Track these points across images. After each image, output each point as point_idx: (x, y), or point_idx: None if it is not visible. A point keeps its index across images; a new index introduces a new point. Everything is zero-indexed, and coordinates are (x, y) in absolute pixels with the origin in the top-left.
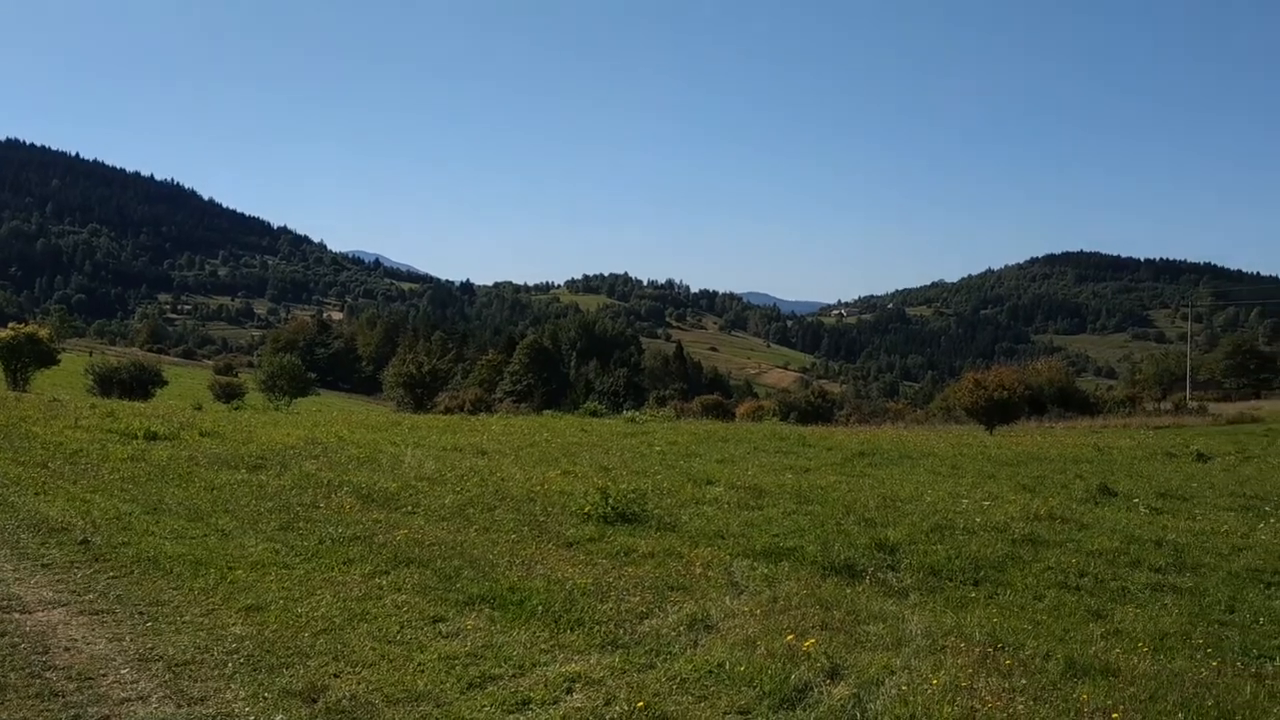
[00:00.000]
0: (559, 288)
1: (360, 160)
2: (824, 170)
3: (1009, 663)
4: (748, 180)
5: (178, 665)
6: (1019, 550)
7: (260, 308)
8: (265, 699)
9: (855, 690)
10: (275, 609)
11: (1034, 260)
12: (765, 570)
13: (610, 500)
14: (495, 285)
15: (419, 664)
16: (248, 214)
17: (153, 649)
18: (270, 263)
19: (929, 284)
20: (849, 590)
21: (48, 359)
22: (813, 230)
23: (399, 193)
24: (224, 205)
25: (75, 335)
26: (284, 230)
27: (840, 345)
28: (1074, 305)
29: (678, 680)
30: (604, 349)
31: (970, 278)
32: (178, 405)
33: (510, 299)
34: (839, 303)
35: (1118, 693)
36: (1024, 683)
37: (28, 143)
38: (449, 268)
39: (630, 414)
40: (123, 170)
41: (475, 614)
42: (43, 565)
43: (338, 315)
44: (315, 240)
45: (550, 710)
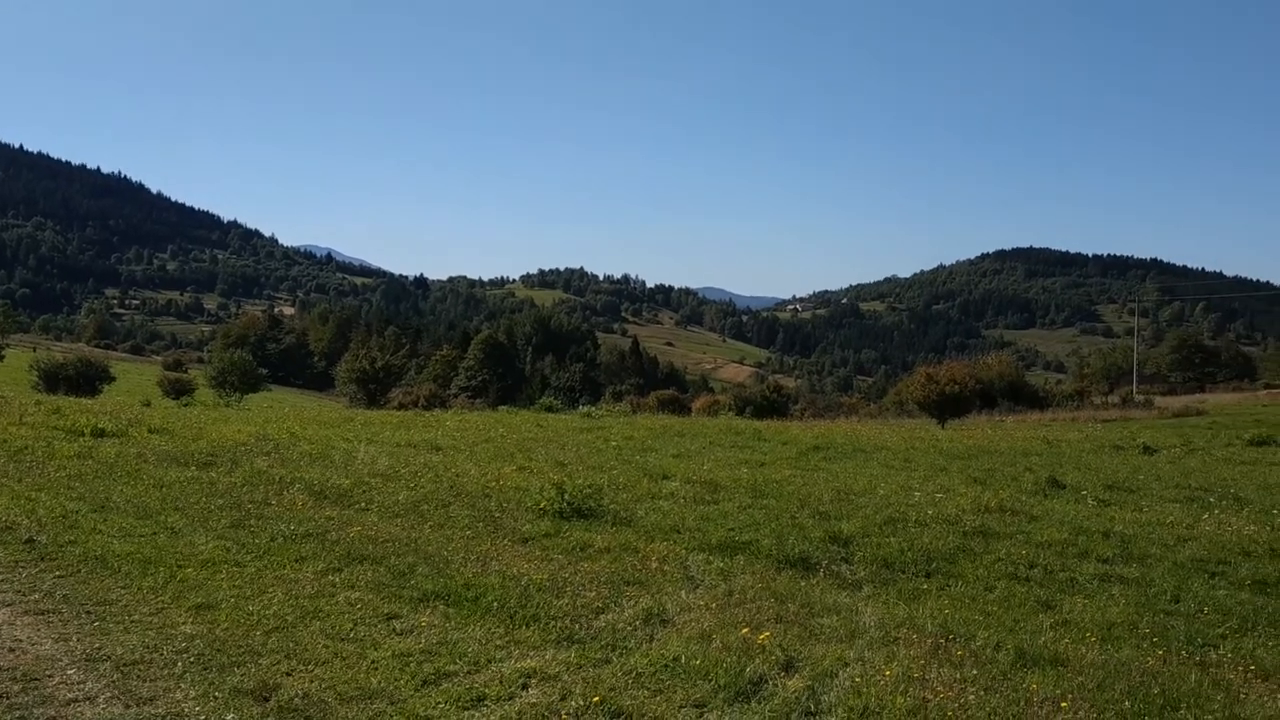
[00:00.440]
0: (514, 282)
1: (311, 153)
2: (779, 167)
3: (960, 653)
4: (703, 176)
5: (126, 665)
6: (970, 542)
7: (210, 303)
8: (216, 698)
9: (810, 682)
10: (226, 607)
11: (985, 256)
12: (721, 564)
13: (566, 496)
14: (450, 280)
15: (373, 661)
16: (197, 208)
17: (100, 649)
18: (220, 257)
19: (882, 279)
20: (803, 583)
21: None
22: (768, 226)
23: (351, 186)
24: (173, 199)
25: (19, 331)
26: (234, 224)
27: (795, 340)
28: (1024, 300)
29: (633, 674)
30: (560, 344)
31: (922, 273)
32: (126, 402)
33: (465, 294)
34: (794, 298)
35: (1066, 682)
36: (975, 673)
37: None
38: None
39: (586, 409)
40: (68, 163)
41: (430, 611)
42: None
43: (289, 310)
44: (266, 234)
45: (506, 706)
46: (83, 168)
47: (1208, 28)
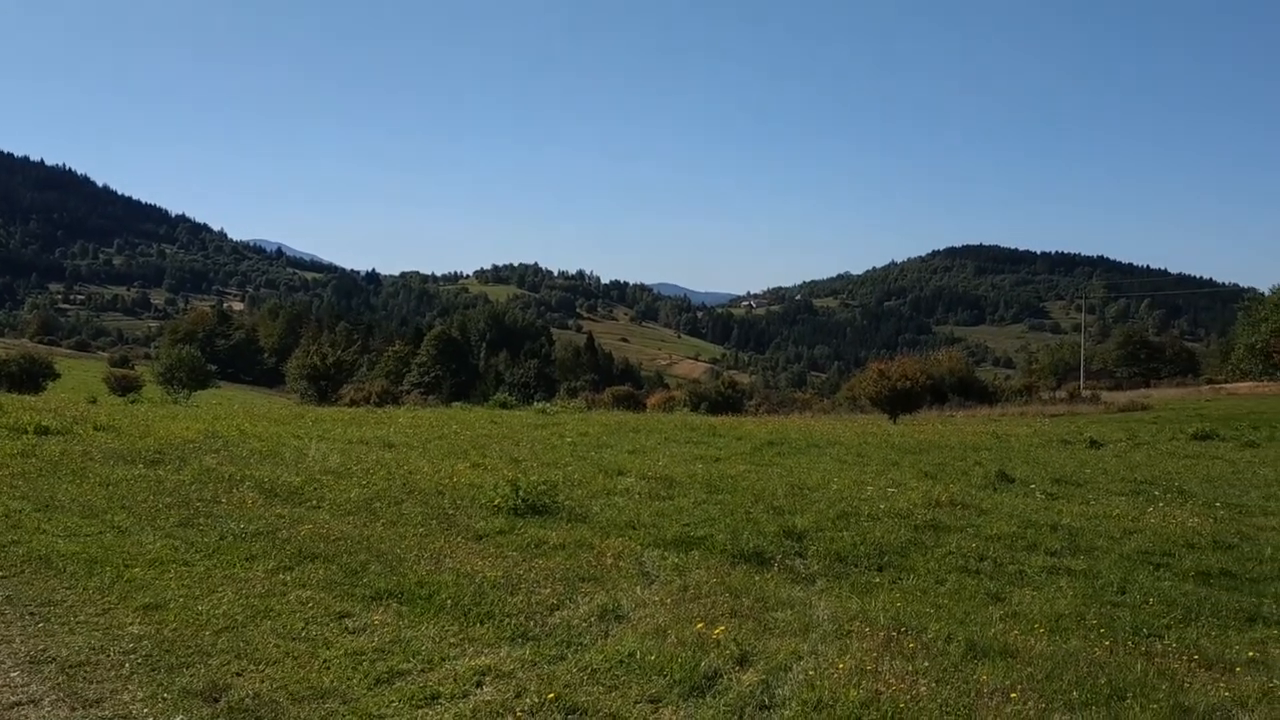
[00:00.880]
0: (468, 278)
1: (261, 146)
2: (733, 164)
3: (912, 645)
4: (658, 173)
5: (71, 667)
6: (921, 536)
7: (157, 298)
8: (164, 699)
9: (764, 676)
10: (174, 607)
11: (935, 253)
12: (676, 559)
13: (520, 492)
14: (402, 275)
15: (325, 661)
16: (144, 201)
17: (44, 650)
18: (168, 251)
19: (835, 276)
20: (758, 578)
21: None
22: (723, 222)
23: (302, 180)
24: (119, 192)
25: None
26: (182, 218)
27: (750, 336)
28: (974, 297)
29: (589, 671)
30: (514, 340)
31: (875, 270)
32: (71, 399)
33: (417, 289)
34: (749, 294)
35: (1016, 673)
36: (926, 665)
37: None
38: (354, 257)
39: (541, 405)
40: (10, 155)
41: (382, 609)
42: None
43: (239, 306)
44: (215, 229)
45: (460, 704)
46: (25, 160)
47: (1154, 26)
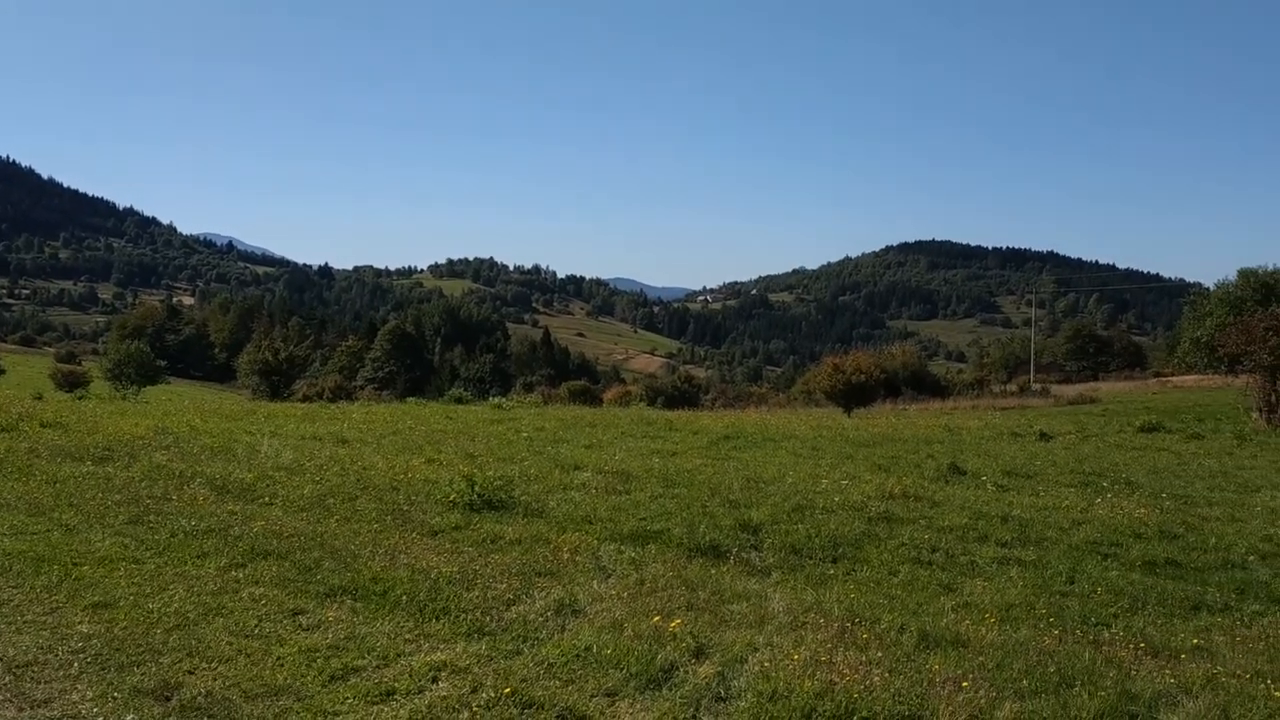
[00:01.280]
0: (422, 272)
1: (211, 138)
2: (689, 159)
3: (866, 636)
4: (614, 167)
5: (19, 667)
6: (875, 528)
7: (105, 292)
8: (115, 699)
9: (720, 668)
10: (125, 605)
11: (889, 249)
12: (632, 553)
13: (476, 487)
14: (355, 269)
15: (278, 658)
16: (91, 194)
17: None
18: (116, 245)
19: (790, 271)
20: (714, 571)
21: None
22: (679, 217)
23: (253, 174)
24: (65, 185)
25: None
26: (130, 211)
27: (706, 331)
28: (926, 292)
29: (545, 665)
30: (469, 335)
31: (829, 265)
32: (15, 395)
33: (371, 283)
34: (705, 289)
35: (967, 662)
36: (880, 655)
37: None
38: (306, 251)
39: (497, 400)
40: None
41: (337, 605)
42: None
43: (189, 300)
44: (164, 222)
45: (416, 700)
46: None
47: (1094, 31)
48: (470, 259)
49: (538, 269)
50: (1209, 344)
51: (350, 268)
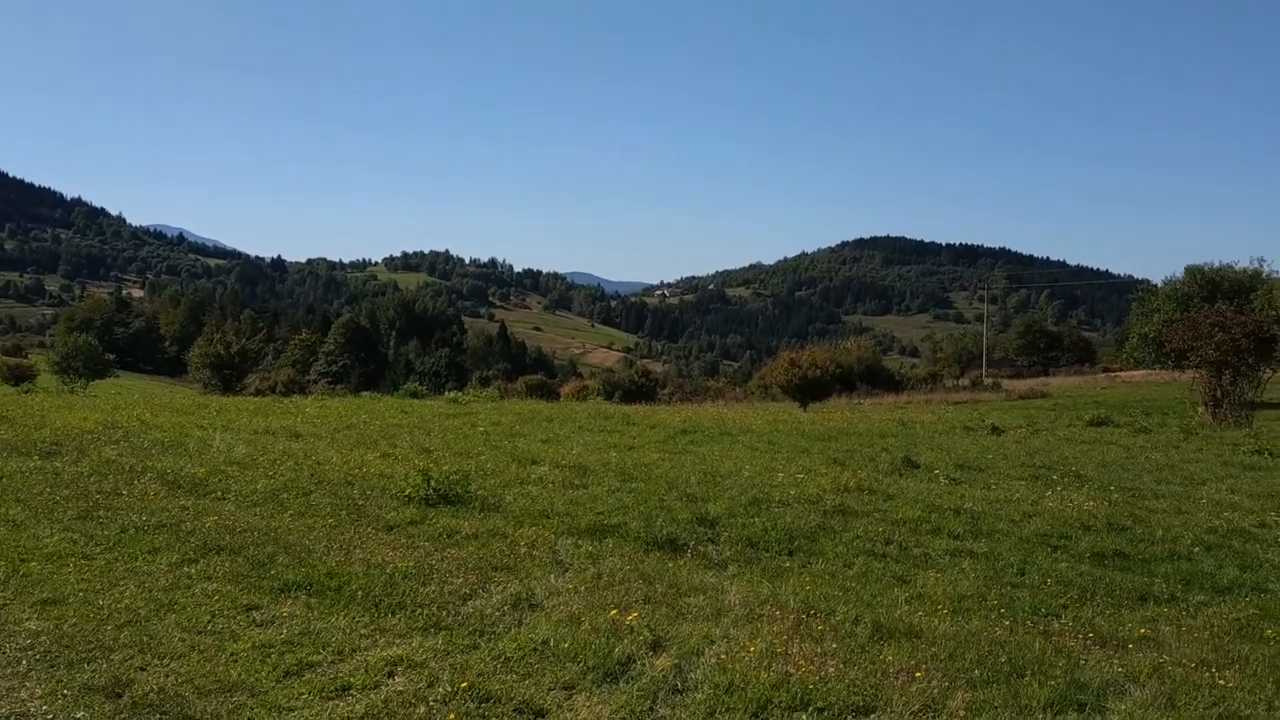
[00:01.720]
0: (377, 265)
1: (161, 127)
2: (647, 153)
3: (821, 628)
4: (571, 161)
5: None
6: (830, 521)
7: (52, 284)
8: (65, 696)
9: (677, 661)
10: (74, 602)
11: (845, 244)
12: (590, 547)
13: (432, 482)
14: (309, 262)
15: (232, 654)
16: (37, 184)
17: None
18: (63, 236)
19: (747, 266)
20: (671, 564)
21: None
22: (637, 211)
23: (204, 163)
24: (10, 175)
25: None
26: (78, 202)
27: (664, 325)
28: (881, 287)
29: (502, 659)
30: (425, 328)
31: (786, 260)
32: None
33: (325, 276)
34: (662, 283)
35: (920, 653)
36: (835, 646)
37: None
38: (259, 243)
39: (453, 394)
40: None
41: (291, 601)
42: None
43: (138, 293)
44: (113, 213)
45: (371, 695)
46: None
47: (1047, 25)
48: (426, 252)
49: (494, 262)
50: (1157, 340)
51: (304, 260)
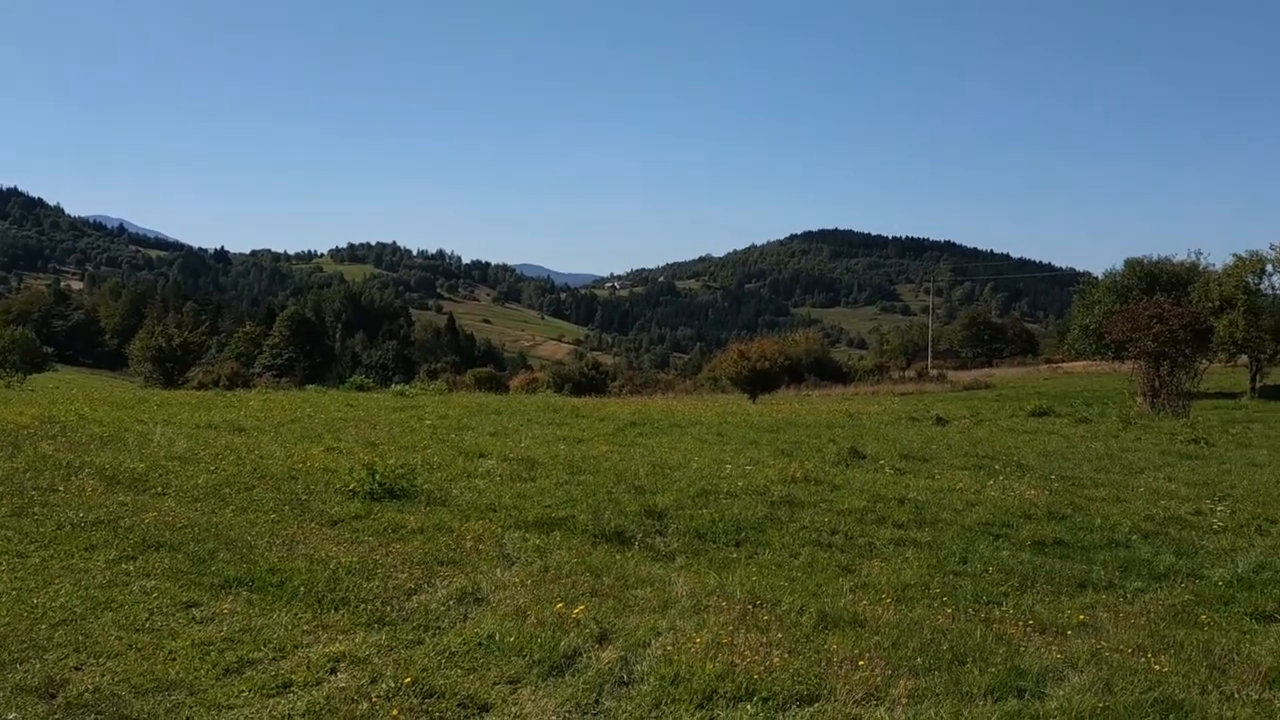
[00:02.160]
0: (322, 256)
1: (99, 114)
2: (595, 145)
3: (766, 618)
4: (521, 151)
5: None
6: (777, 511)
7: None
8: None
9: (623, 653)
10: (7, 600)
11: (793, 237)
12: (537, 541)
13: (377, 476)
14: (253, 254)
15: (170, 652)
16: None
17: None
18: None
19: (697, 258)
20: (619, 556)
21: None
22: (585, 203)
23: (145, 152)
24: None
25: None
26: (14, 192)
27: (614, 318)
28: (829, 280)
29: (446, 654)
30: (372, 321)
31: (735, 253)
32: None
33: (269, 268)
34: (612, 276)
35: (864, 641)
36: (780, 636)
37: None
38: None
39: (400, 387)
40: None
41: (232, 597)
42: None
43: (77, 285)
44: (51, 203)
45: (313, 692)
46: None
47: (991, 16)
48: (372, 243)
49: (442, 254)
50: (1097, 331)
51: (248, 251)
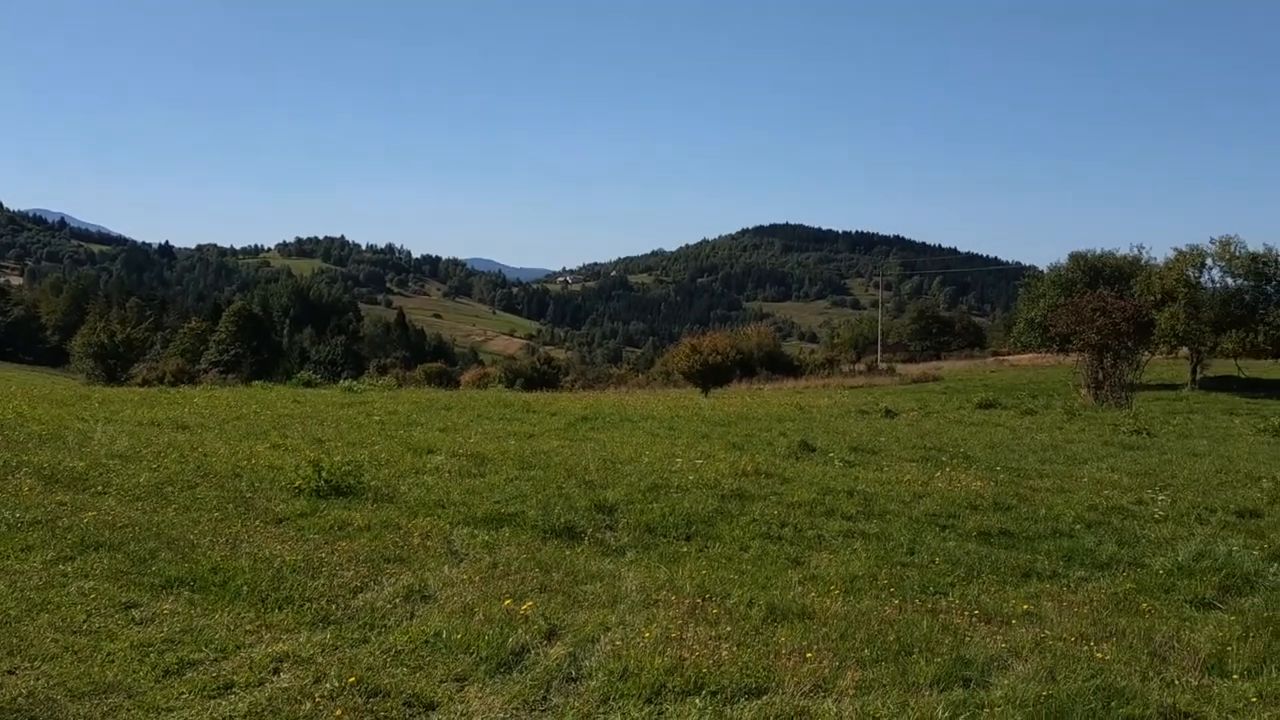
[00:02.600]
0: (269, 251)
1: (37, 102)
2: (546, 138)
3: (716, 612)
4: (471, 145)
5: None
6: (728, 505)
7: None
8: None
9: (571, 649)
10: None
11: (745, 231)
12: (486, 537)
13: (324, 473)
14: (199, 248)
15: (108, 654)
16: None
17: None
18: None
19: (650, 253)
20: (568, 552)
21: None
22: (537, 196)
23: (86, 143)
24: None
25: None
26: None
27: (566, 312)
28: (781, 274)
29: (392, 653)
30: (320, 316)
31: (688, 247)
32: None
33: (216, 263)
34: (564, 270)
35: (812, 633)
36: (729, 629)
37: None
38: (146, 229)
39: (348, 383)
40: None
41: (173, 598)
42: None
43: (17, 280)
44: None
45: (255, 693)
46: None
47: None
48: (320, 238)
49: (391, 248)
50: (1042, 324)
51: (193, 246)
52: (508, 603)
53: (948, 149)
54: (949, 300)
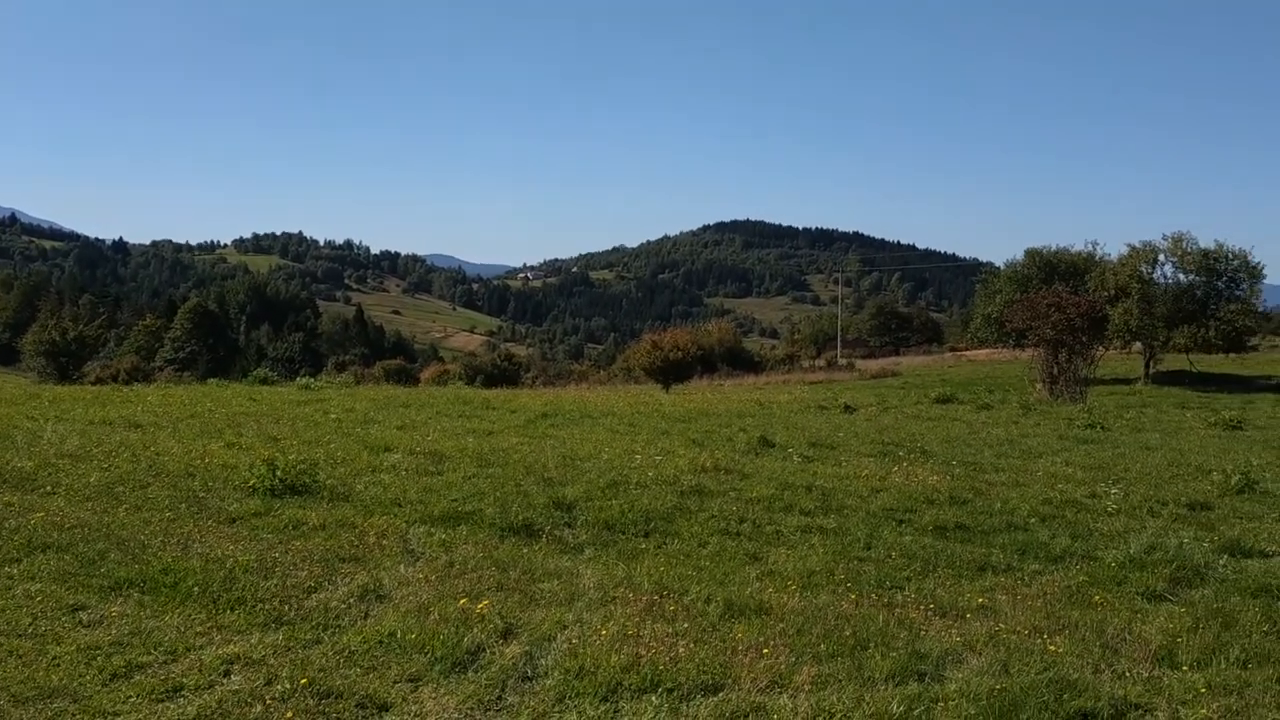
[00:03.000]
0: (226, 247)
1: None
2: (506, 134)
3: (673, 608)
4: (431, 141)
5: None
6: (686, 501)
7: None
8: None
9: (527, 648)
10: None
11: (706, 227)
12: (443, 535)
13: (278, 472)
14: (153, 244)
15: (54, 657)
16: None
17: None
18: None
19: (611, 249)
20: (526, 550)
21: None
22: (496, 192)
23: (36, 137)
24: None
25: None
26: None
27: (527, 308)
28: (742, 270)
29: (346, 653)
30: (277, 313)
31: (649, 243)
32: None
33: (170, 259)
34: (525, 266)
35: (770, 629)
36: (686, 626)
37: None
38: (99, 225)
39: (305, 381)
40: None
41: (122, 599)
42: None
43: None
44: None
45: (205, 695)
46: None
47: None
48: (278, 233)
49: (350, 244)
50: (999, 320)
51: (148, 242)
52: (464, 601)
53: (904, 145)
54: (908, 296)
